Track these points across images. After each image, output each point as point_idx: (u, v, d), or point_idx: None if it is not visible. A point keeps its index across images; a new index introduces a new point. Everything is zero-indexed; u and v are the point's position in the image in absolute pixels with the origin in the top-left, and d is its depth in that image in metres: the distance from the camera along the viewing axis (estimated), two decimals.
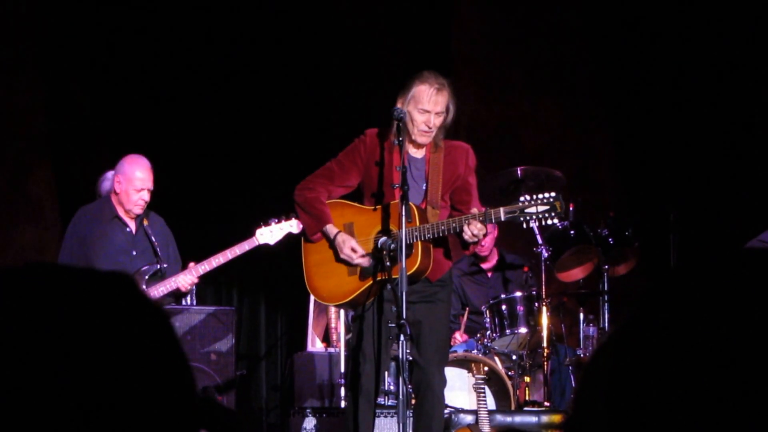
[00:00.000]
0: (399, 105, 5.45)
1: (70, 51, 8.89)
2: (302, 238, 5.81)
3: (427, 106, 5.43)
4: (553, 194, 5.38)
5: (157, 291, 6.57)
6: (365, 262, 5.52)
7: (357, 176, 5.64)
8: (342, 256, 5.56)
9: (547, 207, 5.34)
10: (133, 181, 6.64)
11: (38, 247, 8.75)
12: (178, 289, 6.64)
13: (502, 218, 5.41)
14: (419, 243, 5.40)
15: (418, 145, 5.58)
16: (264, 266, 7.38)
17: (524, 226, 5.46)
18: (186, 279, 6.61)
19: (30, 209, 8.89)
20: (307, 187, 5.65)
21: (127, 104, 8.90)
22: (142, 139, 8.42)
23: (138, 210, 6.69)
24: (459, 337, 7.60)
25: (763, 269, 0.94)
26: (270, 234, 6.69)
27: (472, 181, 5.68)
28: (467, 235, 5.30)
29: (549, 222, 5.42)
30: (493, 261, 8.05)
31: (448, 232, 5.39)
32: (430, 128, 5.46)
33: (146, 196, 6.67)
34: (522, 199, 5.39)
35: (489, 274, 8.03)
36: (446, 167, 5.57)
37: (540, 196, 5.37)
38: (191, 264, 6.66)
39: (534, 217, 5.35)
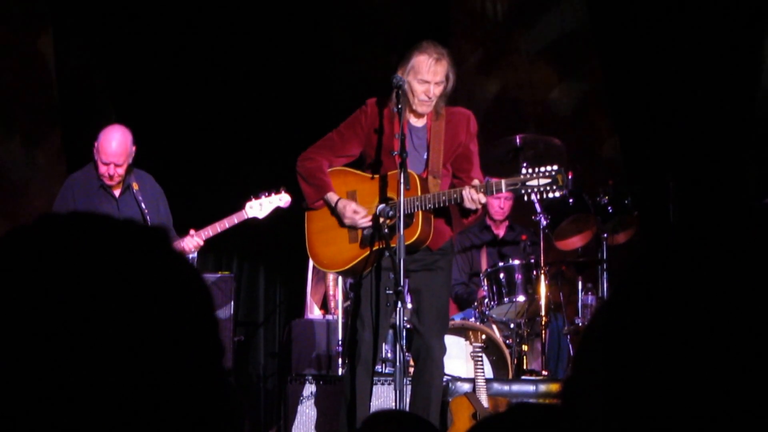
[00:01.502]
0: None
1: (82, 22, 8.89)
2: (304, 206, 5.82)
3: (426, 76, 5.43)
4: (555, 167, 5.38)
5: None
6: (369, 222, 5.53)
7: (358, 146, 5.64)
8: (345, 221, 5.57)
9: (548, 180, 5.34)
10: (100, 153, 6.52)
11: None
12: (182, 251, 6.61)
13: (503, 190, 5.45)
14: (420, 212, 5.41)
15: (419, 114, 5.58)
16: (263, 233, 7.38)
17: (525, 198, 5.48)
18: (192, 241, 6.59)
19: (39, 179, 8.90)
20: (308, 158, 5.67)
21: (138, 76, 8.90)
22: (151, 111, 8.44)
23: (106, 182, 6.58)
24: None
25: (758, 227, 0.93)
26: (259, 207, 6.68)
27: (474, 148, 5.67)
28: (467, 200, 5.29)
29: (550, 195, 5.43)
30: (503, 227, 8.04)
31: (448, 202, 5.40)
32: (429, 98, 5.46)
33: (113, 170, 6.52)
34: (524, 171, 5.40)
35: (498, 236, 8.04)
36: (447, 134, 5.57)
37: (542, 169, 5.37)
38: (192, 231, 6.64)
39: (535, 189, 5.36)
